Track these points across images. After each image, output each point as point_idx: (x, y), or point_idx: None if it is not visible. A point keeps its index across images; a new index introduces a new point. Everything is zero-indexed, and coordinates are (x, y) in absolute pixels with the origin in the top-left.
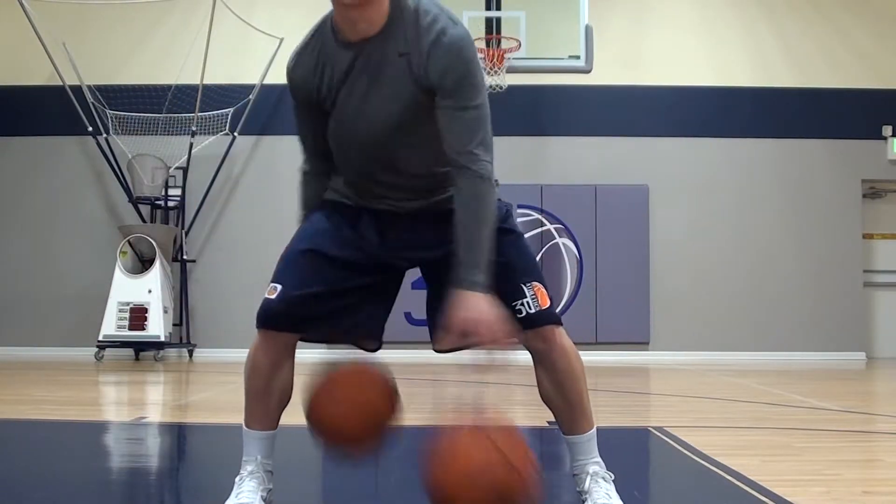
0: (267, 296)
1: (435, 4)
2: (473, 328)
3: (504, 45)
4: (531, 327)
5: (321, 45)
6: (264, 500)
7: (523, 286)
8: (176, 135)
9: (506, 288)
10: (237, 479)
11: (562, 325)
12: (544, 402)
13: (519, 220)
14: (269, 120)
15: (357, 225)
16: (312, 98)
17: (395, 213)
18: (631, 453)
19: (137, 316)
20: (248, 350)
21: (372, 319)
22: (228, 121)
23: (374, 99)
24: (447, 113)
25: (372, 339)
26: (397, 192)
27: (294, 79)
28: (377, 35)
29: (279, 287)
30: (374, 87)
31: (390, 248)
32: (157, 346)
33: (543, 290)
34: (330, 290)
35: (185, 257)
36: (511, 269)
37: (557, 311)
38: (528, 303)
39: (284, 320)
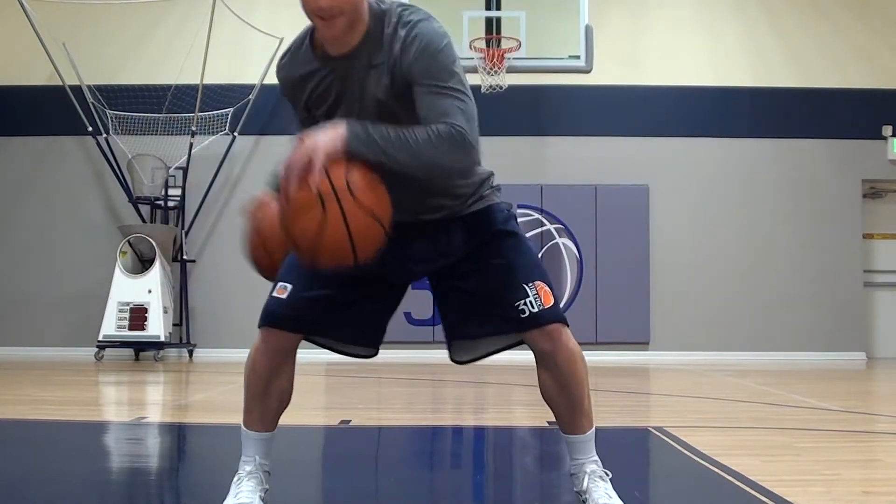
0: (276, 294)
1: (416, 12)
2: (309, 147)
3: (504, 45)
4: (536, 326)
5: (305, 53)
6: (262, 501)
7: (525, 286)
8: (176, 135)
9: (508, 289)
10: (235, 478)
11: (567, 325)
12: (545, 400)
13: (519, 220)
14: (269, 120)
15: None
16: (298, 101)
17: (404, 223)
18: (631, 453)
19: (137, 316)
20: (247, 350)
21: (374, 329)
22: (228, 121)
23: (359, 110)
24: (424, 94)
25: (371, 346)
26: (408, 201)
27: (281, 80)
28: (354, 50)
29: (289, 287)
30: (357, 98)
31: (400, 262)
32: (157, 346)
33: (547, 288)
34: (338, 297)
35: (185, 257)
36: (512, 269)
37: None
38: (530, 302)
39: (290, 321)
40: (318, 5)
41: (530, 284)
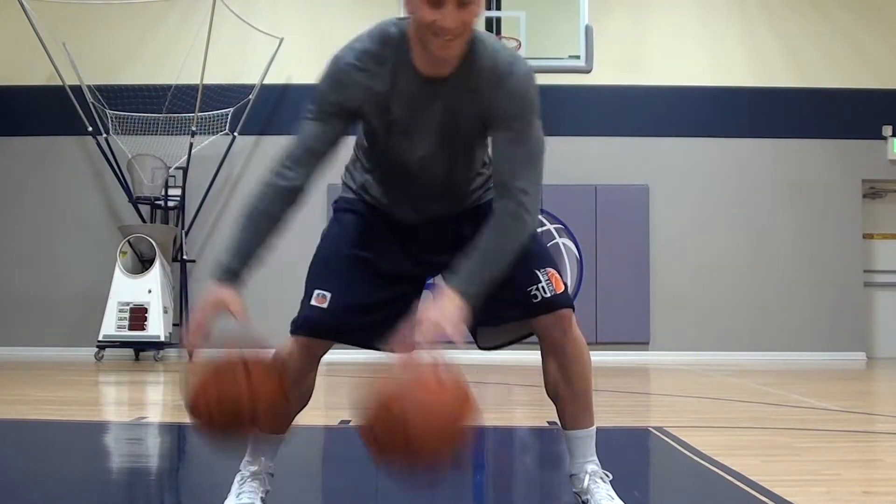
0: (315, 303)
1: (497, 42)
2: (439, 333)
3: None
4: (547, 311)
5: (395, 64)
6: (263, 502)
7: (537, 272)
8: (176, 135)
9: (521, 274)
10: (238, 477)
11: (574, 311)
12: (550, 394)
13: None
14: (269, 120)
15: (394, 234)
16: (358, 107)
17: (429, 221)
18: (631, 453)
19: (137, 316)
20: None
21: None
22: (228, 121)
23: (442, 134)
24: (503, 143)
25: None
26: (437, 203)
27: (348, 82)
28: (453, 74)
29: (329, 296)
30: (444, 123)
31: (424, 256)
32: (157, 346)
33: (557, 275)
34: (375, 302)
35: (185, 257)
36: (525, 255)
37: None
38: (542, 287)
39: (332, 331)
40: (443, 25)
41: (542, 270)
